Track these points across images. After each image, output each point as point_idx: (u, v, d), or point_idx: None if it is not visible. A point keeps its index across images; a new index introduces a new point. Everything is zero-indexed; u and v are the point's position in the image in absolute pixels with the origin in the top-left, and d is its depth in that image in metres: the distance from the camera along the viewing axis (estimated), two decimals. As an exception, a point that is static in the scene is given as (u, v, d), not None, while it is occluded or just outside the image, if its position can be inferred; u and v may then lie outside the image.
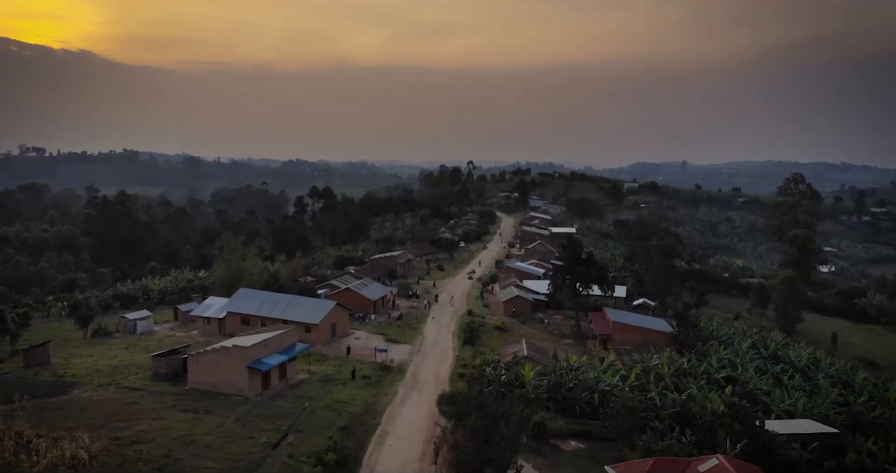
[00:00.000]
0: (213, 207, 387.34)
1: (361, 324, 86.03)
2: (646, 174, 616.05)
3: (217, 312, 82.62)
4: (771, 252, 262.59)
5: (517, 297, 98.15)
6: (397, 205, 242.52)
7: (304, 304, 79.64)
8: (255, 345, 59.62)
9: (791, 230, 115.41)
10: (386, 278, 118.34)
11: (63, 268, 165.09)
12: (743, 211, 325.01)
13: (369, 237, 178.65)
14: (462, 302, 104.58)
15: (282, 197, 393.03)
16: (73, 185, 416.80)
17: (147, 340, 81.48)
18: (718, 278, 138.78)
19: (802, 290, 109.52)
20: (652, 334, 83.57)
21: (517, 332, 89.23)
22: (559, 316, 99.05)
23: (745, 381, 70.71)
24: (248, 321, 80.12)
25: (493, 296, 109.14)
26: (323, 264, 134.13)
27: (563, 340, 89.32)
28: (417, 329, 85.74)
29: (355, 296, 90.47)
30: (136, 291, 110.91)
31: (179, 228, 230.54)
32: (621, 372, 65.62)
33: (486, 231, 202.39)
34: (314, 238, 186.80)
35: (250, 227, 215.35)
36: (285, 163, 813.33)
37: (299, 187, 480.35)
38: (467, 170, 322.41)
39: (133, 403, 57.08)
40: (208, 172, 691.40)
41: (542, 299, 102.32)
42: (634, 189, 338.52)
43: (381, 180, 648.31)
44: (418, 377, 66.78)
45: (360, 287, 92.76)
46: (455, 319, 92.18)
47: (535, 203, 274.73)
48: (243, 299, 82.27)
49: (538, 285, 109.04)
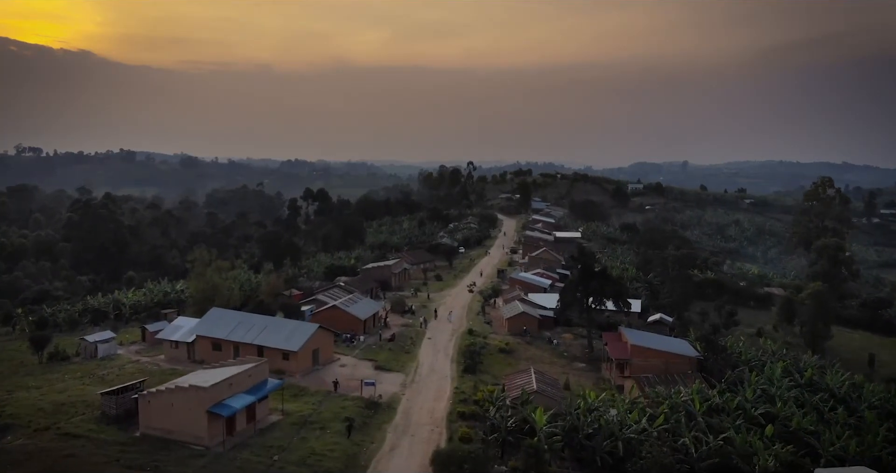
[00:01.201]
0: (207, 208, 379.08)
1: (349, 347, 76.82)
2: (646, 174, 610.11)
3: (186, 335, 73.48)
4: (782, 256, 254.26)
5: (522, 314, 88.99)
6: (394, 208, 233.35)
7: (283, 327, 70.44)
8: (216, 385, 50.42)
9: (819, 239, 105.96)
10: (379, 290, 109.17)
11: (39, 277, 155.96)
12: (750, 213, 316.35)
13: (364, 243, 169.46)
14: (462, 318, 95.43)
15: (278, 198, 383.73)
16: (70, 186, 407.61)
17: (107, 366, 72.31)
18: (736, 288, 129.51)
19: (833, 306, 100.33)
20: (675, 359, 74.37)
21: (523, 355, 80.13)
22: (569, 335, 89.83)
23: (787, 417, 61.67)
24: (219, 346, 70.98)
25: (495, 310, 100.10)
26: (313, 274, 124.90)
27: (574, 364, 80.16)
28: (411, 354, 76.50)
29: (342, 314, 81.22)
30: (107, 305, 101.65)
31: (167, 232, 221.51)
32: (648, 412, 56.40)
33: (486, 235, 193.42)
34: (307, 243, 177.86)
35: (241, 231, 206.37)
36: (284, 163, 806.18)
37: (297, 187, 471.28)
38: (467, 171, 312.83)
39: (70, 455, 47.97)
40: (206, 172, 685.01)
41: (550, 314, 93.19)
42: (639, 190, 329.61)
43: (380, 180, 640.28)
44: (410, 416, 57.58)
45: (348, 304, 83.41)
46: (454, 339, 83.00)
47: (538, 205, 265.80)
48: (215, 320, 73.08)
49: (545, 298, 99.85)
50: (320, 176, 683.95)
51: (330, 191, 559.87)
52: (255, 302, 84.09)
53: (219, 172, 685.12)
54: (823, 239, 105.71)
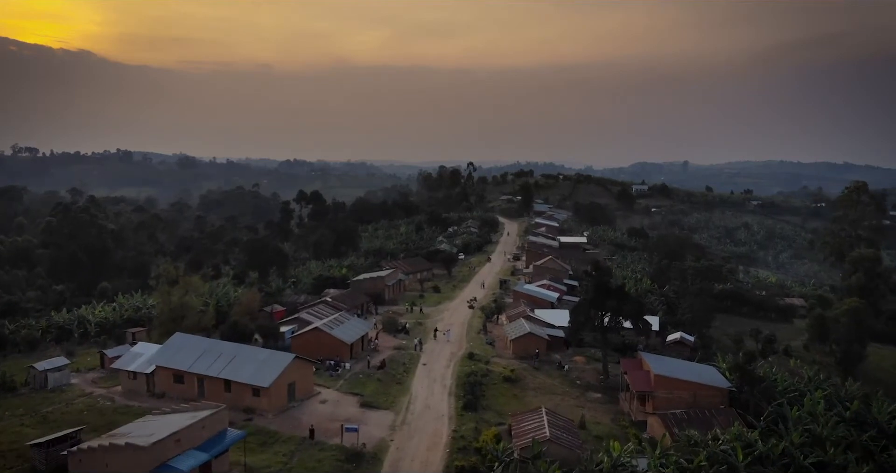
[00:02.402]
0: (201, 210, 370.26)
1: (332, 377, 67.47)
2: (647, 174, 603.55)
3: (145, 364, 64.23)
4: (794, 261, 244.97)
5: (529, 334, 79.73)
6: (392, 210, 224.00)
7: (254, 357, 61.10)
8: (160, 443, 41.18)
9: (855, 250, 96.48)
10: (371, 304, 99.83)
11: (13, 286, 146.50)
12: (758, 216, 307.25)
13: (359, 249, 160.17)
14: (461, 338, 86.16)
15: (274, 199, 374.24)
16: (64, 187, 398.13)
17: (55, 400, 63.07)
18: (756, 299, 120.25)
19: (871, 324, 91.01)
20: (705, 391, 65.08)
21: (531, 384, 70.84)
22: (580, 358, 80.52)
23: (841, 467, 52.55)
24: (181, 378, 61.77)
25: (498, 327, 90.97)
26: (301, 286, 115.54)
27: (588, 394, 70.86)
28: (403, 384, 67.19)
29: (326, 338, 71.88)
30: (71, 322, 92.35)
31: (154, 236, 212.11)
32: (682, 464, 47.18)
33: (487, 240, 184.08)
34: (298, 249, 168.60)
35: (230, 235, 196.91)
36: (282, 163, 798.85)
37: (295, 188, 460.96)
38: (467, 171, 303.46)
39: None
40: (203, 172, 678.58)
41: (560, 334, 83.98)
42: (643, 192, 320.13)
43: (379, 180, 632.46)
44: (399, 471, 48.32)
45: (332, 325, 73.98)
46: (452, 365, 73.72)
47: (540, 207, 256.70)
48: (178, 348, 63.81)
49: (553, 315, 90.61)
50: (319, 176, 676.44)
51: (328, 191, 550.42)
52: (229, 324, 74.74)
53: (216, 173, 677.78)
54: (859, 250, 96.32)
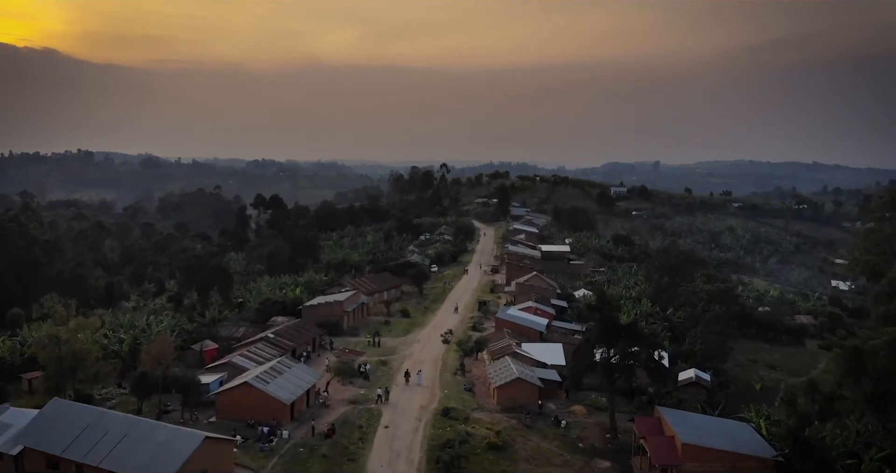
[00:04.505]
0: (160, 214, 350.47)
1: (264, 453, 51.49)
2: (619, 175, 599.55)
3: (10, 443, 47.80)
4: (782, 267, 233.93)
5: (517, 380, 64.60)
6: (359, 216, 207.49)
7: (151, 436, 45.02)
8: None
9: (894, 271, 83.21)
10: (325, 337, 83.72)
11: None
12: (741, 218, 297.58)
13: (320, 261, 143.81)
14: (434, 381, 70.87)
15: (236, 202, 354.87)
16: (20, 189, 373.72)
17: None
18: (765, 320, 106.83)
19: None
20: (746, 462, 50.78)
21: (522, 451, 55.64)
22: (580, 409, 65.53)
23: None
24: (56, 464, 45.57)
25: (478, 364, 76.03)
26: (246, 310, 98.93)
27: (594, 461, 55.90)
28: (357, 462, 51.35)
29: (258, 397, 55.72)
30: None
31: (97, 246, 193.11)
32: None
33: (463, 249, 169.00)
34: (252, 262, 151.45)
35: (179, 244, 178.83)
36: (250, 163, 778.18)
37: (261, 189, 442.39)
38: (440, 173, 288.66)
39: None
40: (167, 173, 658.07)
41: (553, 375, 69.11)
42: (622, 194, 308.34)
43: (350, 181, 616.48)
44: None
45: (267, 378, 57.70)
46: (423, 427, 58.27)
47: (517, 211, 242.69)
48: (53, 421, 47.47)
49: (544, 351, 75.75)
50: (287, 177, 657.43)
51: (296, 192, 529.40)
52: (137, 377, 58.20)
53: (180, 174, 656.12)
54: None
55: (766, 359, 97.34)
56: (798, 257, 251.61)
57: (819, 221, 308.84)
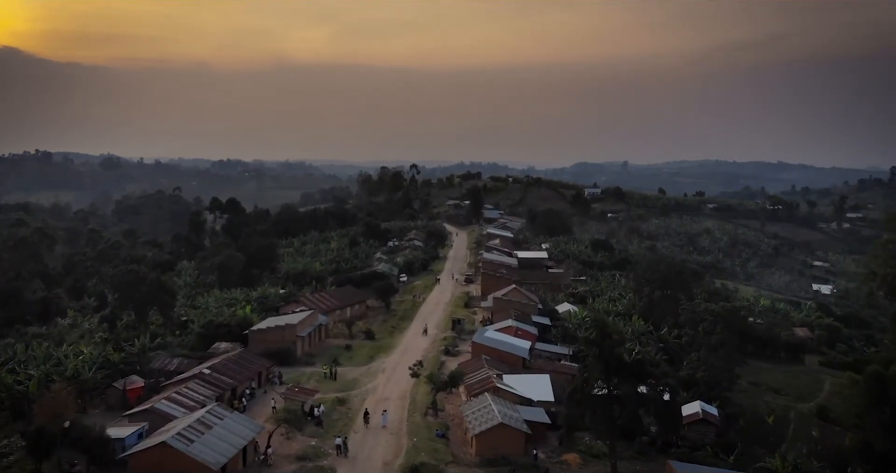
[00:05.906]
0: (115, 217, 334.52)
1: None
2: (589, 175, 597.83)
3: None
4: (762, 271, 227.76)
5: (500, 426, 54.16)
6: (323, 220, 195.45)
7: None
8: None
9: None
10: (274, 370, 72.16)
11: None
12: (717, 220, 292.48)
13: (277, 271, 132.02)
14: (401, 423, 60.13)
15: (196, 204, 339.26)
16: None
17: None
18: (766, 337, 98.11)
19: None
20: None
21: (508, 523, 45.30)
22: (573, 458, 55.35)
23: None
24: None
25: (453, 398, 65.63)
26: (188, 332, 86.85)
27: (595, 532, 45.86)
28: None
29: (178, 460, 44.09)
30: None
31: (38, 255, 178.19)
32: None
33: (434, 256, 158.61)
34: (203, 273, 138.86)
35: (126, 253, 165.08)
36: (215, 163, 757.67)
37: (225, 190, 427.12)
38: (410, 174, 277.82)
39: None
40: (128, 174, 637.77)
41: (541, 416, 58.81)
42: (597, 195, 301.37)
43: (317, 181, 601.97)
44: None
45: (191, 436, 46.03)
46: (386, 491, 47.63)
47: (491, 214, 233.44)
48: None
49: (529, 384, 65.48)
50: (253, 177, 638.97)
51: (262, 193, 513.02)
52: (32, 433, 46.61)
53: (142, 174, 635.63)
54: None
55: (769, 381, 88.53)
56: (777, 260, 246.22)
57: (794, 222, 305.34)
